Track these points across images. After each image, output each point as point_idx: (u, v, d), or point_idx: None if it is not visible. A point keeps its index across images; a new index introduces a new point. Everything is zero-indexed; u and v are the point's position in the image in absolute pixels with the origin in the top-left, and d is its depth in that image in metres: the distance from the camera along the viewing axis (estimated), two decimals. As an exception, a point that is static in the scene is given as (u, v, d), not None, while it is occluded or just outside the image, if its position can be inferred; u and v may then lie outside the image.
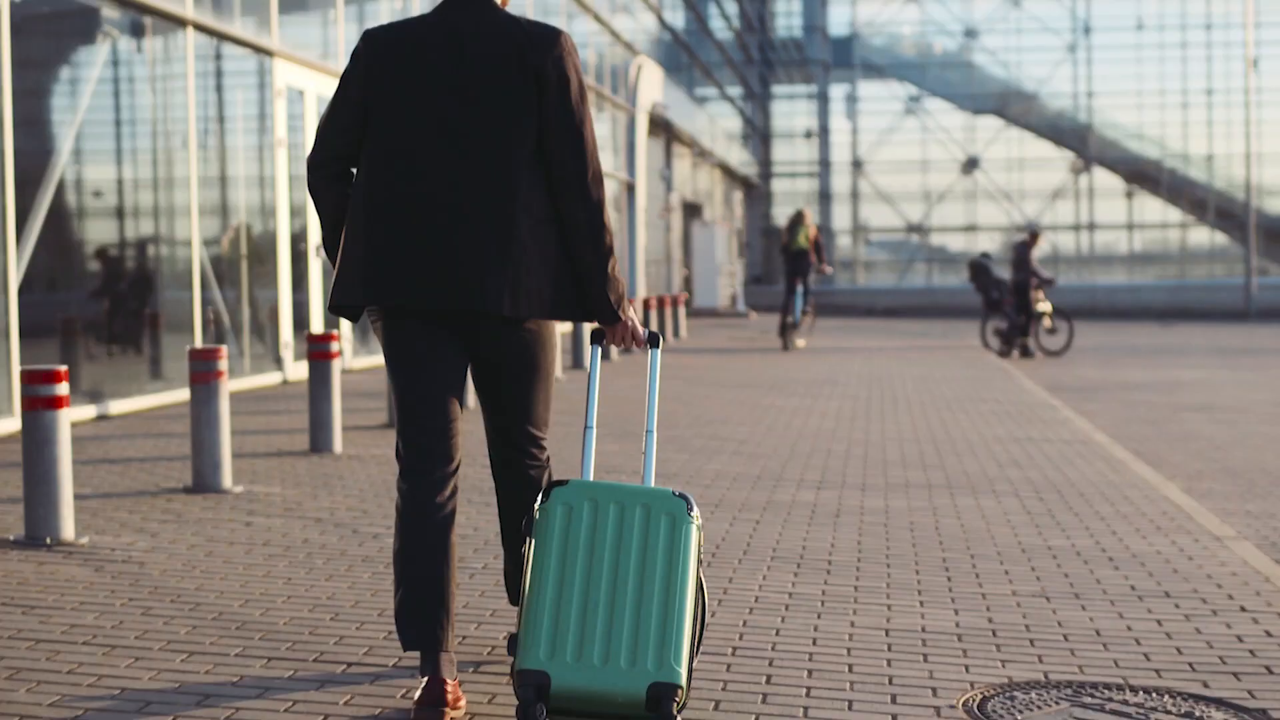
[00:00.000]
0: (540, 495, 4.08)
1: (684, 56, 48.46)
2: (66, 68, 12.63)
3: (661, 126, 41.86)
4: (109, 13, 12.61)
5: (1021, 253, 23.46)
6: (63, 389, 6.59)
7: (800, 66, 73.68)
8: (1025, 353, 23.27)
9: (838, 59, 72.94)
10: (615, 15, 35.66)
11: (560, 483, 4.07)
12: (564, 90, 4.13)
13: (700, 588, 4.08)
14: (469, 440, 10.15)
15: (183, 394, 12.96)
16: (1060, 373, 20.01)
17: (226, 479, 8.15)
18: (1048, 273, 24.19)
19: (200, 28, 13.56)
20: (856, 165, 71.69)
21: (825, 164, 72.36)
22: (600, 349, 4.41)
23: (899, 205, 69.76)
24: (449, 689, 4.07)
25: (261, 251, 15.38)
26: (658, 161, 42.31)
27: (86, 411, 11.61)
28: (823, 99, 73.10)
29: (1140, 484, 9.04)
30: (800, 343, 24.11)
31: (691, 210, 48.70)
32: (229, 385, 13.90)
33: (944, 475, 9.25)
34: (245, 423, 11.52)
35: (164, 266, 13.57)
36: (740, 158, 64.06)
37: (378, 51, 4.19)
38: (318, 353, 9.78)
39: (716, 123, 56.00)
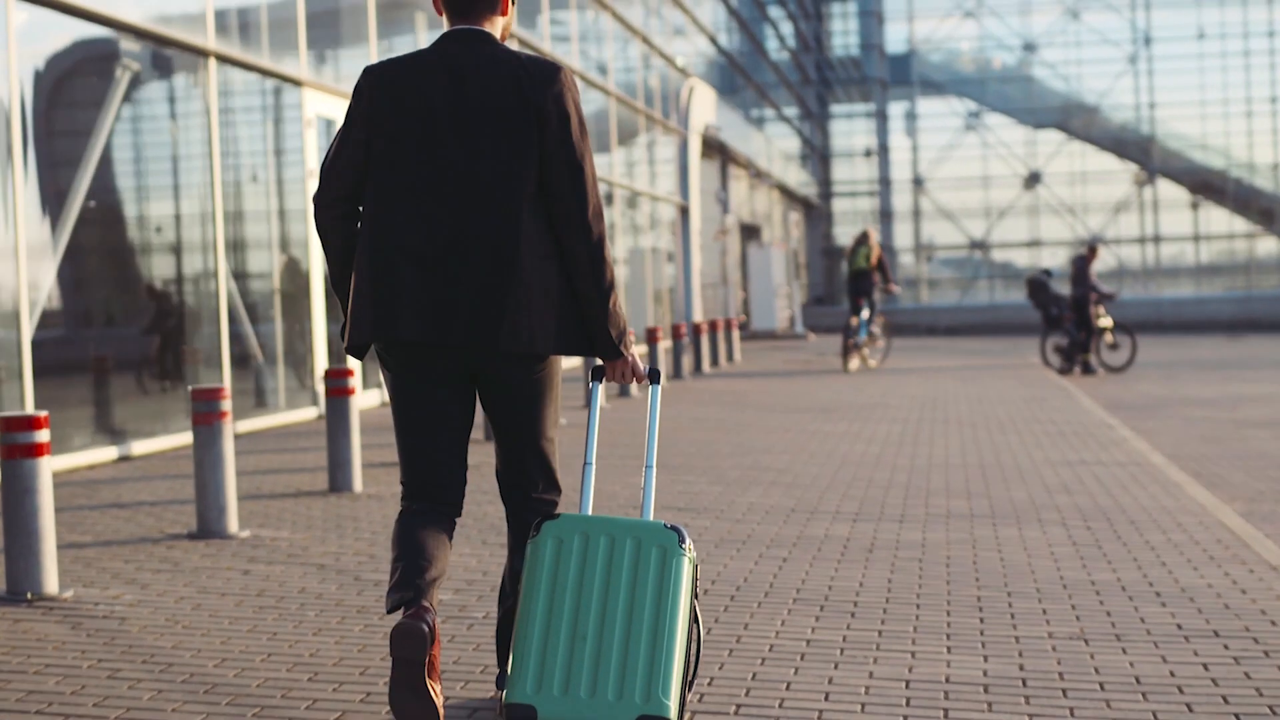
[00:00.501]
0: (532, 529, 4.07)
1: (739, 79, 48.19)
2: (86, 105, 12.39)
3: (716, 149, 41.56)
4: (128, 45, 12.37)
5: (1080, 267, 22.96)
6: (43, 436, 6.27)
7: (859, 85, 73.34)
8: (1087, 369, 22.75)
9: (896, 76, 72.52)
10: (666, 39, 35.39)
11: (552, 516, 4.05)
12: (565, 126, 4.12)
13: (695, 620, 4.06)
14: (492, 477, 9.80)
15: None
16: (1121, 390, 19.49)
17: (232, 524, 7.82)
18: (1108, 287, 23.68)
19: (224, 59, 13.31)
20: (917, 183, 71.19)
21: (885, 182, 71.90)
22: (600, 385, 4.36)
23: (961, 222, 69.13)
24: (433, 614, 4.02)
25: (294, 284, 15.11)
26: (713, 184, 42.00)
27: (107, 453, 11.34)
28: (881, 117, 72.67)
29: (1196, 509, 8.57)
30: (872, 363, 23.90)
31: (750, 232, 48.35)
32: (265, 421, 13.75)
33: (988, 504, 8.82)
34: (270, 461, 11.22)
35: (192, 302, 13.31)
36: (799, 178, 63.74)
37: (379, 88, 4.19)
38: (335, 389, 9.44)
39: (774, 144, 55.77)
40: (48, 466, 6.30)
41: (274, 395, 14.44)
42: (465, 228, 4.08)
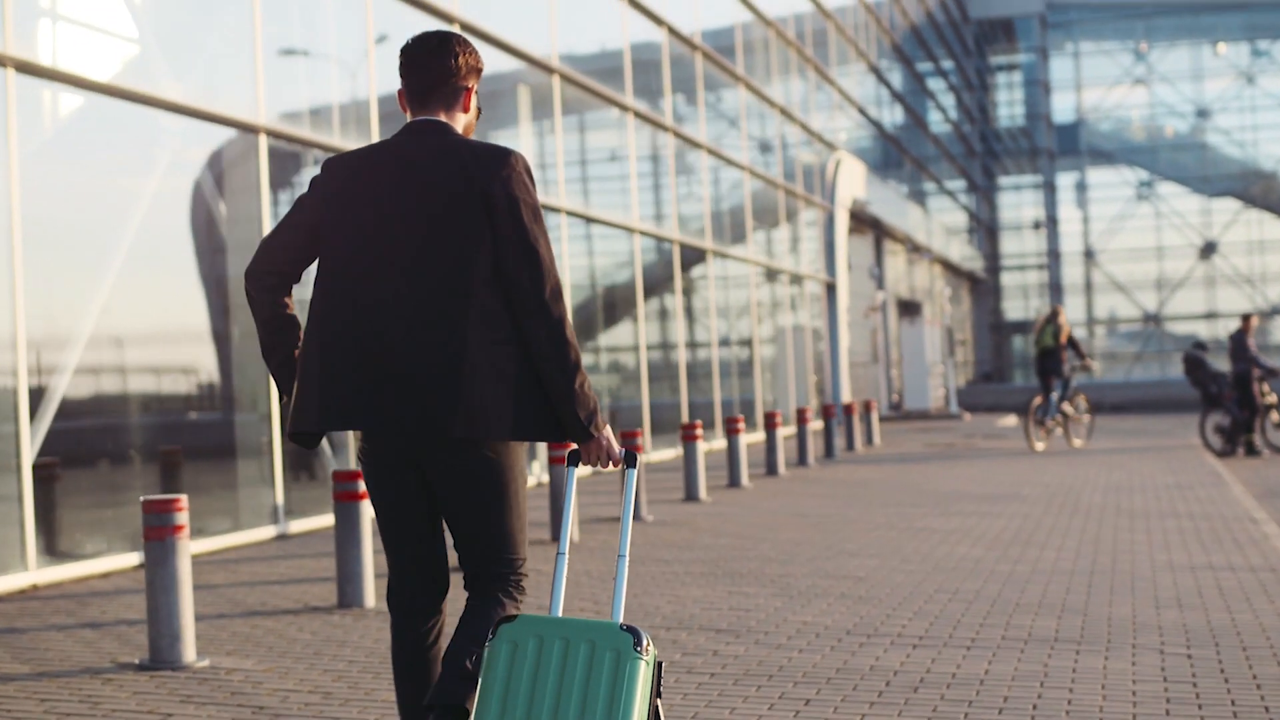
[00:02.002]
0: (490, 632, 3.95)
1: (896, 152, 47.15)
2: (127, 188, 11.70)
3: (869, 224, 40.47)
4: (169, 123, 11.66)
5: (1238, 341, 21.41)
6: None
7: (1028, 156, 71.88)
8: (1251, 451, 21.14)
9: (1064, 146, 71.01)
10: (813, 114, 34.48)
11: (508, 619, 3.94)
12: (514, 210, 4.08)
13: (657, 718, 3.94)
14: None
15: (250, 535, 11.81)
16: (1283, 475, 17.90)
17: (188, 652, 6.86)
18: (1271, 361, 22.09)
19: (275, 134, 12.56)
20: (1088, 255, 69.34)
21: (1055, 255, 70.21)
22: (575, 469, 4.27)
23: (1134, 295, 67.07)
24: None
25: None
26: (866, 259, 40.90)
27: (127, 559, 10.48)
28: (1050, 188, 71.11)
29: (1326, 631, 7.25)
30: (1078, 442, 22.96)
31: (908, 308, 47.10)
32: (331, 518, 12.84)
33: (1080, 624, 7.57)
34: (301, 568, 10.28)
35: (239, 393, 12.51)
36: (964, 252, 62.33)
37: (332, 179, 4.22)
38: (344, 493, 8.47)
39: (934, 217, 54.55)
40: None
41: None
42: (413, 316, 4.04)
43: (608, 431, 4.17)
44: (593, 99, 20.82)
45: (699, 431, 14.88)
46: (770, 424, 18.15)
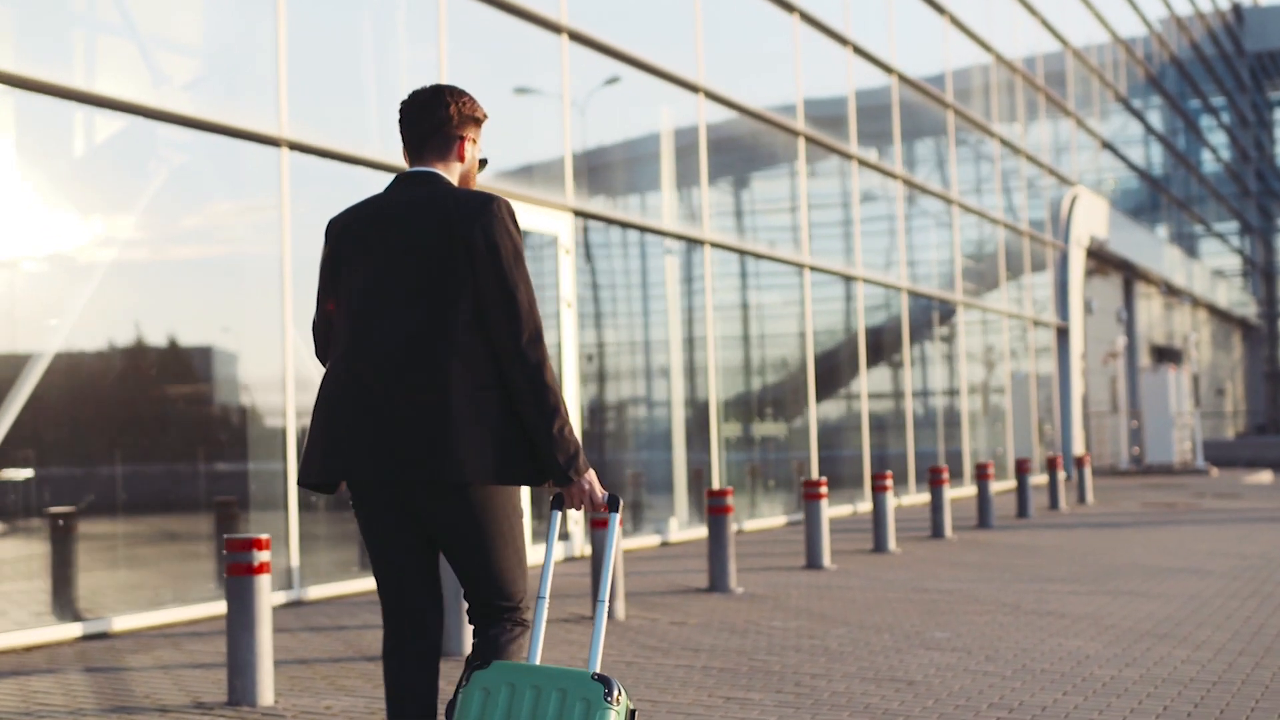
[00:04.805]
0: (462, 678, 3.99)
1: (1155, 192, 44.52)
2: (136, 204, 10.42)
3: (1116, 264, 37.94)
4: (215, 140, 10.35)
5: None
6: None
7: (1312, 195, 68.16)
8: None
9: (1346, 186, 66.95)
10: (1053, 152, 32.37)
11: (481, 665, 3.97)
12: (494, 256, 4.13)
13: None
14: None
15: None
16: None
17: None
18: None
19: (321, 152, 11.19)
20: (1373, 300, 65.23)
21: (1335, 301, 66.10)
22: (560, 513, 4.27)
23: None
24: None
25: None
26: (1114, 303, 38.35)
27: (64, 630, 9.09)
28: (1330, 230, 67.07)
29: None
30: None
31: (1165, 355, 44.27)
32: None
33: (1140, 767, 5.58)
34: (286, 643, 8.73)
35: (252, 438, 11.08)
36: (1234, 297, 58.92)
37: (331, 237, 4.33)
38: (237, 566, 6.87)
39: (1201, 260, 51.52)
40: None
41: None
42: (395, 365, 4.08)
43: (590, 475, 4.18)
44: (813, 146, 19.77)
45: (823, 490, 12.99)
46: (936, 481, 16.12)
